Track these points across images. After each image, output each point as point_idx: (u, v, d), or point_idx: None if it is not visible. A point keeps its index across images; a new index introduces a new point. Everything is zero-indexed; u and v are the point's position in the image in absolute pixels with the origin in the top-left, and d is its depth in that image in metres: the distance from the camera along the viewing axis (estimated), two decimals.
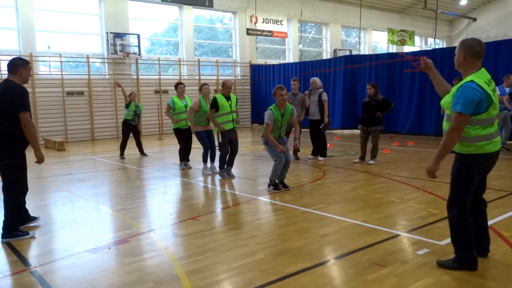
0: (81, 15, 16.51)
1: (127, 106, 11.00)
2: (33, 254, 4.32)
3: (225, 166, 8.00)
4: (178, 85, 9.17)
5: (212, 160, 8.57)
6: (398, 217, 5.29)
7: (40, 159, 4.85)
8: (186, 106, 9.04)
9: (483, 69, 3.51)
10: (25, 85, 4.81)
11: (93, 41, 16.88)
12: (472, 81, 3.39)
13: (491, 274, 3.54)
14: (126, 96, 11.13)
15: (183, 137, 9.12)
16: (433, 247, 4.15)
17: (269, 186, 6.89)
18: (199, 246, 4.36)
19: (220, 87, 8.39)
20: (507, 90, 10.11)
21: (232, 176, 8.03)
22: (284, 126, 6.87)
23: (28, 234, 4.78)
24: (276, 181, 6.85)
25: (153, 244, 4.48)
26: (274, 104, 6.79)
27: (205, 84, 8.59)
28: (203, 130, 8.43)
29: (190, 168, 9.10)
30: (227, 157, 7.98)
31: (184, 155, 9.18)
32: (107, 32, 16.44)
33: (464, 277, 3.47)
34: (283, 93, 6.66)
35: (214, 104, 7.74)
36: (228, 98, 7.86)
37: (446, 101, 3.56)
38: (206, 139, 8.45)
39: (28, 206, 5.22)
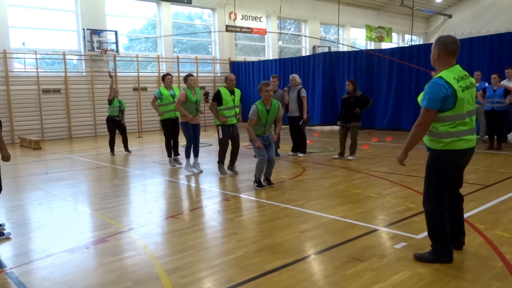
0: (57, 11, 16.16)
1: (110, 102, 10.84)
2: (9, 255, 4.23)
3: (225, 162, 7.89)
4: (166, 76, 8.96)
5: (196, 155, 8.39)
6: (376, 212, 5.37)
7: (6, 159, 4.71)
8: (173, 96, 8.79)
9: (456, 65, 3.57)
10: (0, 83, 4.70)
11: (69, 37, 16.56)
12: (440, 77, 3.48)
13: (467, 266, 3.62)
14: (113, 90, 10.85)
15: (170, 128, 8.89)
16: (410, 241, 4.22)
17: (254, 183, 6.90)
18: (179, 244, 4.35)
19: (222, 83, 8.07)
20: (477, 85, 10.46)
21: (235, 173, 7.91)
22: (269, 123, 6.84)
23: (3, 235, 4.67)
24: (261, 178, 6.87)
25: (133, 243, 4.45)
26: (260, 100, 6.78)
27: (191, 75, 8.25)
28: (190, 123, 8.19)
29: (181, 165, 8.88)
30: (230, 153, 7.93)
31: (171, 149, 8.97)
32: (83, 29, 16.13)
33: (440, 269, 3.54)
34: (269, 89, 6.66)
35: (217, 98, 7.61)
36: (232, 93, 7.74)
37: (419, 99, 3.65)
38: (191, 131, 8.22)
39: (3, 206, 5.10)
